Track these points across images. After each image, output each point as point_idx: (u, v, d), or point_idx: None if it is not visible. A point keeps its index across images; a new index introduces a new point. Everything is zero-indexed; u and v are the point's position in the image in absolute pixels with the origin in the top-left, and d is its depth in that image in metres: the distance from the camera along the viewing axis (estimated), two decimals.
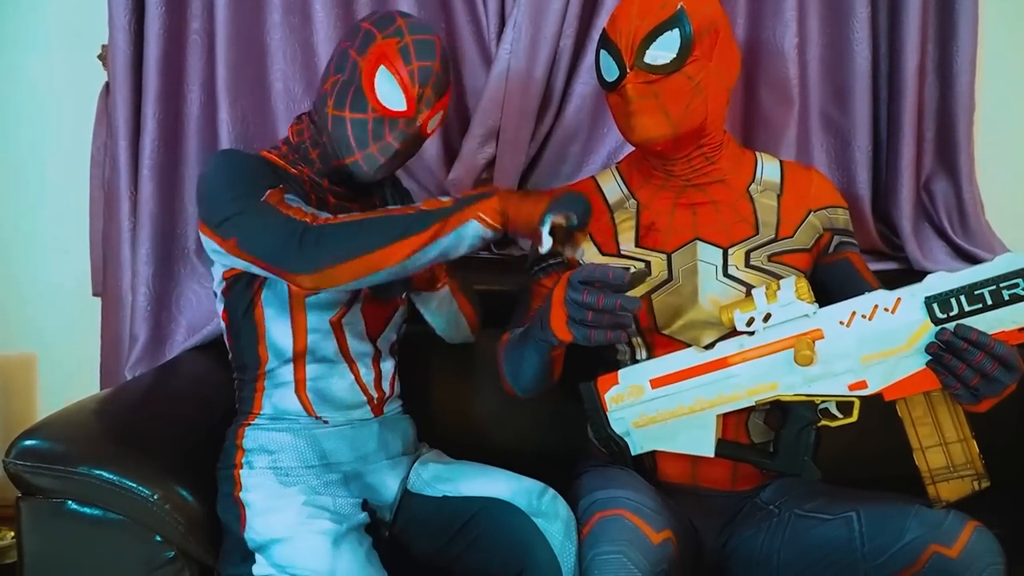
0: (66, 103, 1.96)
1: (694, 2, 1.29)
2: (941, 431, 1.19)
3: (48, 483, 1.25)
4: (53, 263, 2.01)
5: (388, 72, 1.26)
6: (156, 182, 1.77)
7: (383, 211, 1.17)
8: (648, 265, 1.37)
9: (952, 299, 1.14)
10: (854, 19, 1.78)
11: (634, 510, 1.21)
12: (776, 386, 1.23)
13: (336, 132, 1.29)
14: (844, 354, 1.19)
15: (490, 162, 1.82)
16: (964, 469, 1.18)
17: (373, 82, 1.26)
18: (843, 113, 1.83)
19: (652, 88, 1.28)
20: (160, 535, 1.25)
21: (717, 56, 1.31)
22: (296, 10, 1.79)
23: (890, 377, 1.18)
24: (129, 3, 1.74)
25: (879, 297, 1.19)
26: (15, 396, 2.06)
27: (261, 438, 1.32)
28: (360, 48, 1.28)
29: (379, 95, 1.26)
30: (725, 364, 1.24)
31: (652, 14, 1.29)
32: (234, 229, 1.18)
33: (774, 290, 1.21)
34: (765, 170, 1.43)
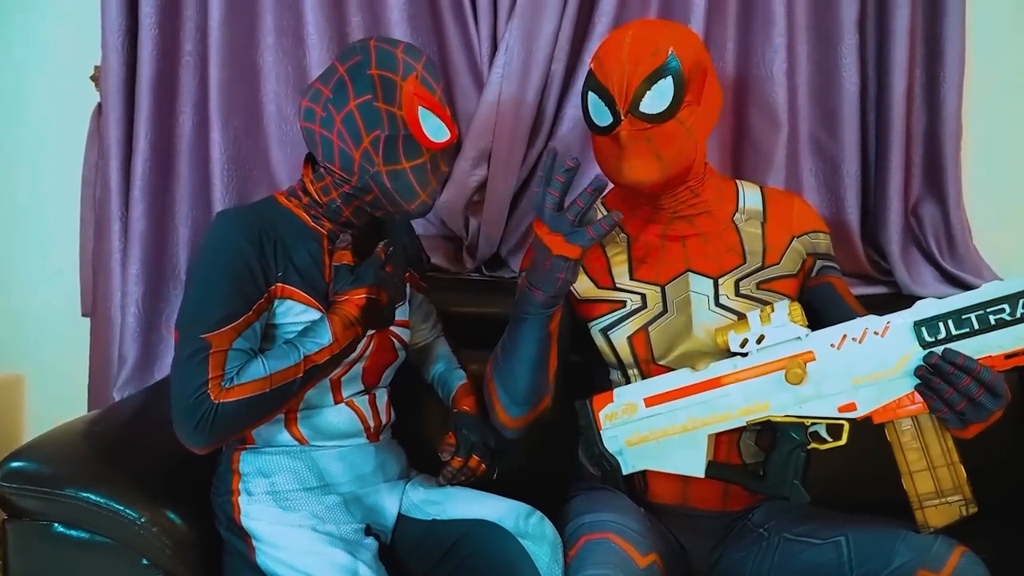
0: (58, 123, 1.95)
1: (682, 44, 1.29)
2: (929, 455, 1.19)
3: (35, 505, 1.24)
4: (43, 283, 2.01)
5: (427, 110, 1.26)
6: (147, 203, 1.77)
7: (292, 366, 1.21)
8: (644, 298, 1.38)
9: (940, 323, 1.16)
10: (842, 45, 1.80)
11: (620, 533, 1.22)
12: (767, 406, 1.24)
13: (397, 184, 1.26)
14: (835, 376, 1.21)
15: (481, 184, 1.82)
16: (952, 494, 1.19)
17: (420, 126, 1.25)
18: (832, 137, 1.84)
19: (646, 134, 1.28)
20: (147, 558, 1.25)
21: (705, 97, 1.32)
22: (289, 32, 1.80)
23: (879, 400, 1.20)
24: (122, 24, 1.74)
25: (869, 321, 1.21)
26: (2, 417, 2.05)
27: (257, 461, 1.31)
28: (386, 98, 1.24)
29: (428, 134, 1.26)
30: (718, 384, 1.26)
31: (644, 61, 1.28)
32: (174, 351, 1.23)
33: (768, 313, 1.24)
34: (747, 198, 1.44)
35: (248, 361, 1.20)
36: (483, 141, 1.79)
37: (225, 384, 1.18)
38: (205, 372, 1.17)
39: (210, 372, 1.17)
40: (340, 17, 1.79)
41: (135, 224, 1.77)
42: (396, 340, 1.40)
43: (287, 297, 1.27)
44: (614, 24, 1.77)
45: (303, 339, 1.23)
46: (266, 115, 1.82)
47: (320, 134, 1.27)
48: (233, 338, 1.20)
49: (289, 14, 1.79)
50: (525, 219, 1.87)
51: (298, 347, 1.22)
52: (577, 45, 1.80)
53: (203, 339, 1.18)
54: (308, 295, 1.28)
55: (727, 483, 1.33)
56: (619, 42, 1.31)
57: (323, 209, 1.32)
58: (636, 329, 1.37)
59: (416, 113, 1.25)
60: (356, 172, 1.26)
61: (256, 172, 1.83)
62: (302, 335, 1.23)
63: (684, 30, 1.34)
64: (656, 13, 1.79)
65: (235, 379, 1.18)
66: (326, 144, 1.27)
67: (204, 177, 1.81)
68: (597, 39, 1.77)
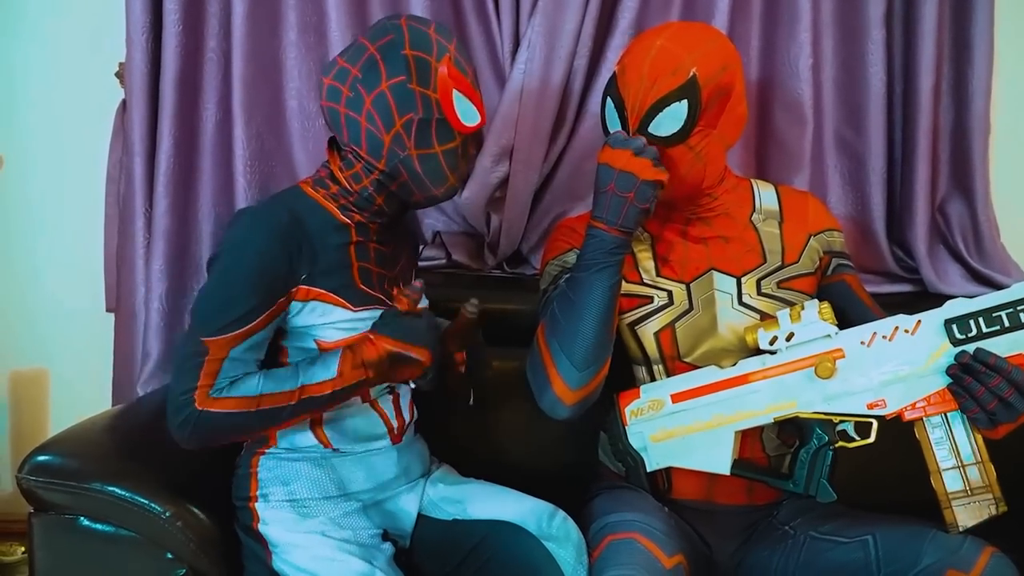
0: (83, 120, 1.97)
1: (708, 64, 1.26)
2: (959, 454, 1.18)
3: (60, 499, 1.25)
4: (67, 278, 2.02)
5: (460, 93, 1.24)
6: (171, 198, 1.78)
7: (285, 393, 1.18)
8: (670, 295, 1.37)
9: (971, 321, 1.16)
10: (869, 40, 1.78)
11: (646, 533, 1.21)
12: (795, 403, 1.23)
13: (426, 168, 1.24)
14: (863, 372, 1.21)
15: (503, 181, 1.82)
16: (981, 493, 1.18)
17: (454, 109, 1.23)
18: (858, 135, 1.83)
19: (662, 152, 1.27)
20: (171, 552, 1.25)
21: (723, 121, 1.30)
22: (311, 29, 1.80)
23: (909, 397, 1.19)
24: (147, 21, 1.75)
25: (900, 320, 1.21)
26: (27, 411, 2.07)
27: (276, 468, 1.29)
28: (421, 80, 1.21)
29: (461, 118, 1.24)
30: (746, 380, 1.26)
31: (664, 80, 1.25)
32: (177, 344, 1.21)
33: (798, 311, 1.24)
34: (763, 198, 1.43)
35: (246, 375, 1.18)
36: (505, 138, 1.78)
37: (213, 393, 1.16)
38: (196, 378, 1.16)
39: (200, 379, 1.16)
40: (363, 13, 1.79)
41: (159, 220, 1.78)
42: None
43: (312, 299, 1.24)
44: (637, 20, 1.76)
45: (309, 367, 1.20)
46: (288, 111, 1.83)
47: (346, 115, 1.24)
48: (233, 346, 1.17)
49: (312, 11, 1.80)
50: (547, 216, 1.87)
51: (299, 374, 1.19)
52: (599, 41, 1.79)
53: (203, 343, 1.16)
54: (334, 294, 1.25)
55: (752, 481, 1.32)
56: (645, 53, 1.27)
57: (354, 198, 1.28)
58: (663, 325, 1.36)
59: (451, 96, 1.22)
60: (385, 156, 1.23)
61: (279, 168, 1.83)
62: (310, 363, 1.21)
63: (718, 46, 1.29)
64: (679, 9, 1.78)
65: (225, 391, 1.16)
66: (352, 126, 1.24)
67: (227, 173, 1.81)
68: (620, 35, 1.76)
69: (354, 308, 1.26)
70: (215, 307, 1.19)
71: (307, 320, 1.25)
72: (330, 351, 1.22)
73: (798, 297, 1.37)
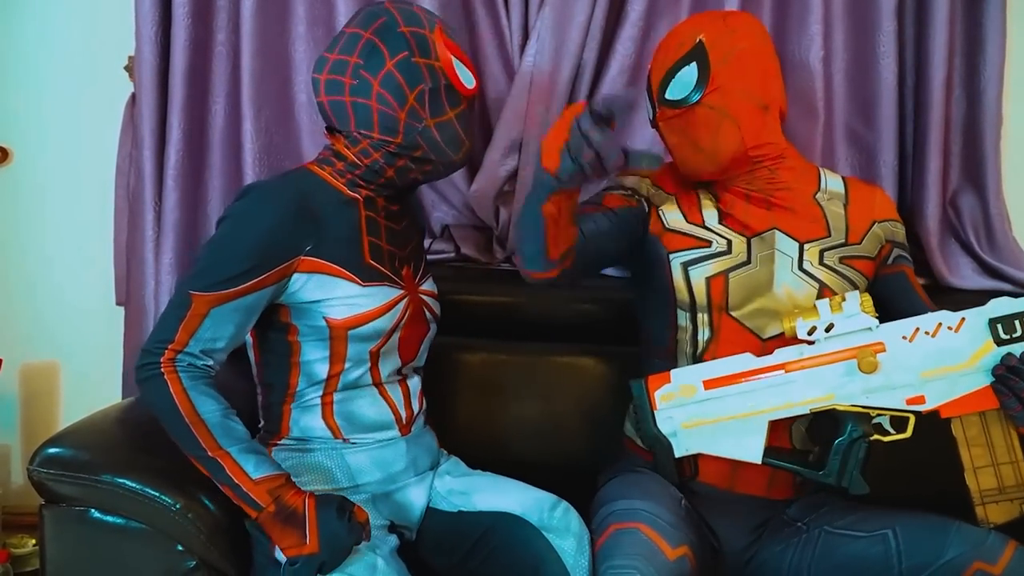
0: (92, 113, 1.97)
1: (717, 31, 1.32)
2: (994, 452, 1.19)
3: (71, 491, 1.25)
4: (77, 271, 2.03)
5: (457, 60, 1.29)
6: (180, 192, 1.78)
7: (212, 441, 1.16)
8: (730, 244, 1.36)
9: (1016, 321, 1.16)
10: (880, 32, 1.77)
11: (651, 523, 1.21)
12: (833, 396, 1.23)
13: (445, 135, 1.27)
14: (905, 368, 1.20)
15: (512, 174, 1.81)
16: (1014, 492, 1.18)
17: (456, 74, 1.28)
18: (868, 127, 1.82)
19: (677, 123, 1.32)
20: (182, 544, 1.25)
21: (742, 78, 1.31)
22: (320, 22, 1.80)
23: (949, 394, 1.19)
24: (156, 15, 1.76)
25: (943, 316, 1.20)
26: (38, 404, 2.08)
27: (287, 460, 1.29)
28: (422, 52, 1.26)
29: (463, 82, 1.29)
30: (784, 369, 1.24)
31: (673, 50, 1.34)
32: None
33: (839, 301, 1.22)
34: (829, 182, 1.43)
35: (214, 397, 1.19)
36: (514, 131, 1.78)
37: (178, 365, 1.17)
38: (174, 331, 1.18)
39: (177, 333, 1.18)
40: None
41: (168, 213, 1.78)
42: (427, 310, 1.38)
43: (316, 271, 1.24)
44: (647, 12, 1.76)
45: (253, 451, 1.18)
46: (297, 105, 1.83)
47: (353, 103, 1.26)
48: (216, 305, 1.18)
49: (320, 4, 1.80)
50: None
51: (239, 444, 1.17)
52: (609, 34, 1.79)
53: (188, 295, 1.18)
54: (341, 267, 1.25)
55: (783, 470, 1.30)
56: (662, 41, 1.39)
57: (361, 171, 1.30)
58: (716, 272, 1.34)
59: (452, 62, 1.27)
60: (401, 132, 1.25)
61: (287, 162, 1.83)
62: (258, 452, 1.19)
63: (732, 17, 1.37)
64: (689, 0, 1.77)
65: (188, 378, 1.17)
66: (362, 111, 1.26)
67: (236, 167, 1.81)
68: (629, 27, 1.76)
69: (362, 283, 1.27)
70: (208, 264, 1.21)
71: (313, 295, 1.25)
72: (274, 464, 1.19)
73: (858, 277, 1.37)
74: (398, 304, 1.31)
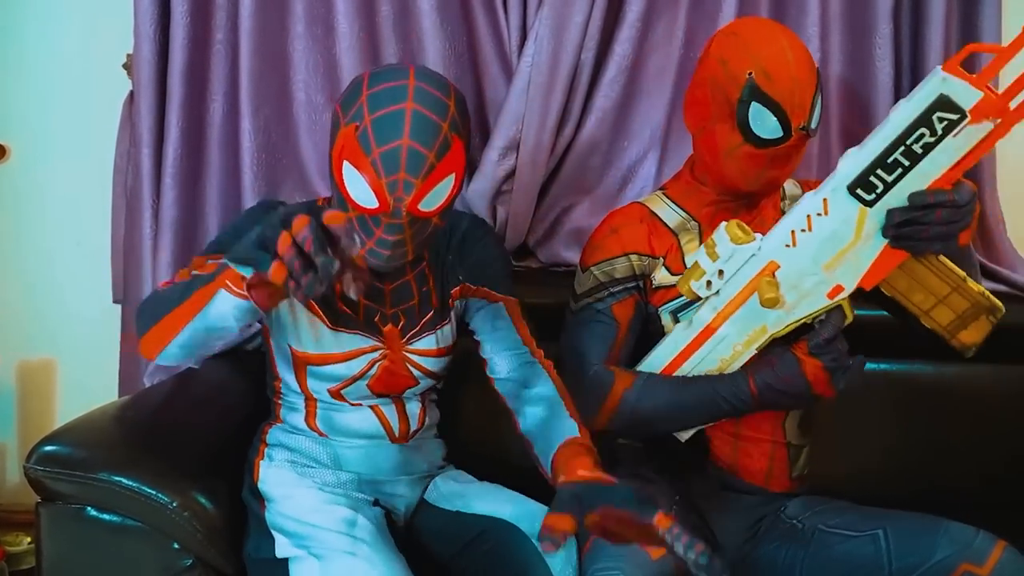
0: (91, 111, 1.97)
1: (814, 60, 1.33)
2: (932, 291, 1.19)
3: (68, 489, 1.26)
4: (74, 269, 2.03)
5: (352, 167, 1.12)
6: (178, 190, 1.78)
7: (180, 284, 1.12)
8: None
9: (872, 177, 1.14)
10: (876, 35, 1.77)
11: None
12: (765, 328, 1.24)
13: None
14: (806, 271, 1.20)
15: (510, 174, 1.81)
16: (971, 312, 1.19)
17: (343, 180, 1.13)
18: (865, 129, 1.79)
19: (792, 150, 1.30)
20: (178, 542, 1.26)
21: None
22: (319, 21, 1.80)
23: (859, 269, 1.19)
24: (154, 13, 1.75)
25: (808, 206, 1.19)
26: (35, 402, 2.08)
27: (283, 436, 1.36)
28: (331, 138, 1.17)
29: (351, 193, 1.13)
30: (712, 331, 1.26)
31: (811, 78, 1.29)
32: None
33: (712, 248, 1.22)
34: (787, 190, 1.46)
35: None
36: (512, 131, 1.78)
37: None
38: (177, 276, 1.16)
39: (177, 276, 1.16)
40: (370, 6, 1.79)
41: (166, 211, 1.78)
42: (415, 368, 1.33)
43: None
44: (645, 14, 1.76)
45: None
46: (296, 103, 1.83)
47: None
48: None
49: (319, 3, 1.79)
50: (553, 209, 1.87)
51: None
52: (607, 35, 1.79)
53: (192, 258, 1.21)
54: (315, 302, 1.26)
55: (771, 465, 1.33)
56: (783, 55, 1.28)
57: None
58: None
59: (340, 165, 1.14)
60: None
61: (286, 160, 1.83)
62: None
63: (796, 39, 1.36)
64: (688, 2, 1.78)
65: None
66: None
67: (234, 165, 1.81)
68: (627, 28, 1.76)
69: (331, 325, 1.28)
70: (212, 240, 1.28)
71: (285, 317, 1.28)
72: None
73: None
74: (366, 355, 1.30)
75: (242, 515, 1.32)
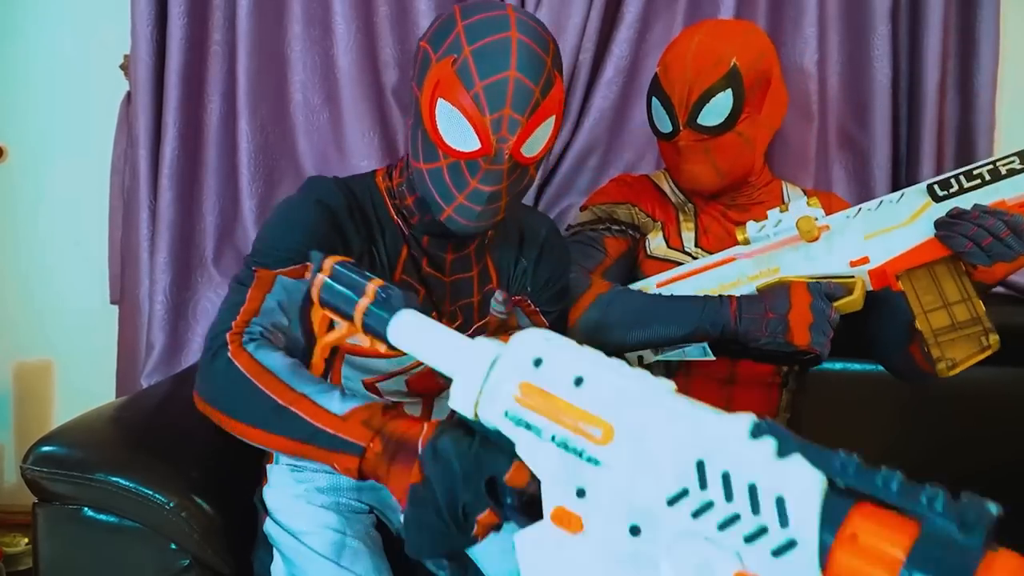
0: (87, 111, 1.97)
1: (747, 53, 1.30)
2: (944, 294, 1.19)
3: (65, 489, 1.25)
4: (72, 270, 2.03)
5: (448, 104, 0.99)
6: (175, 191, 1.78)
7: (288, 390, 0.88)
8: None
9: (952, 179, 1.18)
10: (875, 36, 1.78)
11: None
12: (778, 269, 1.25)
13: (421, 188, 1.07)
14: (847, 233, 1.22)
15: None
16: (969, 326, 1.17)
17: (435, 122, 1.01)
18: (863, 130, 1.82)
19: (703, 144, 1.32)
20: (175, 543, 1.25)
21: (767, 107, 1.34)
22: (316, 22, 1.80)
23: (892, 251, 1.19)
24: (152, 14, 1.75)
25: (886, 196, 1.23)
26: (32, 402, 2.07)
27: None
28: (419, 77, 1.04)
29: (444, 136, 1.01)
30: (732, 260, 1.28)
31: (706, 72, 1.29)
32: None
33: (786, 204, 1.25)
34: (791, 195, 1.47)
35: (272, 345, 0.99)
36: None
37: (246, 343, 0.97)
38: (235, 314, 1.00)
39: (239, 315, 1.00)
40: (367, 6, 1.79)
41: (163, 212, 1.78)
42: None
43: None
44: (642, 15, 1.76)
45: (333, 388, 0.89)
46: (293, 104, 1.83)
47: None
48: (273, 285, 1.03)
49: (316, 3, 1.80)
50: (551, 210, 1.86)
51: (319, 388, 0.88)
52: (604, 36, 1.79)
53: (252, 272, 1.04)
54: None
55: None
56: (685, 48, 1.32)
57: (396, 198, 1.15)
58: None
59: (433, 104, 1.01)
60: (407, 161, 1.11)
61: (283, 161, 1.83)
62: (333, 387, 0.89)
63: (753, 36, 1.35)
64: (685, 4, 1.78)
65: (253, 346, 0.96)
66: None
67: (231, 166, 1.81)
68: (625, 29, 1.76)
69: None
70: (278, 237, 1.06)
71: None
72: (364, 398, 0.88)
73: None
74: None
75: (240, 516, 1.32)
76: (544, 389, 0.58)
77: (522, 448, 0.59)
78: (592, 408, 0.55)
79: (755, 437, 0.50)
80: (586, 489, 0.55)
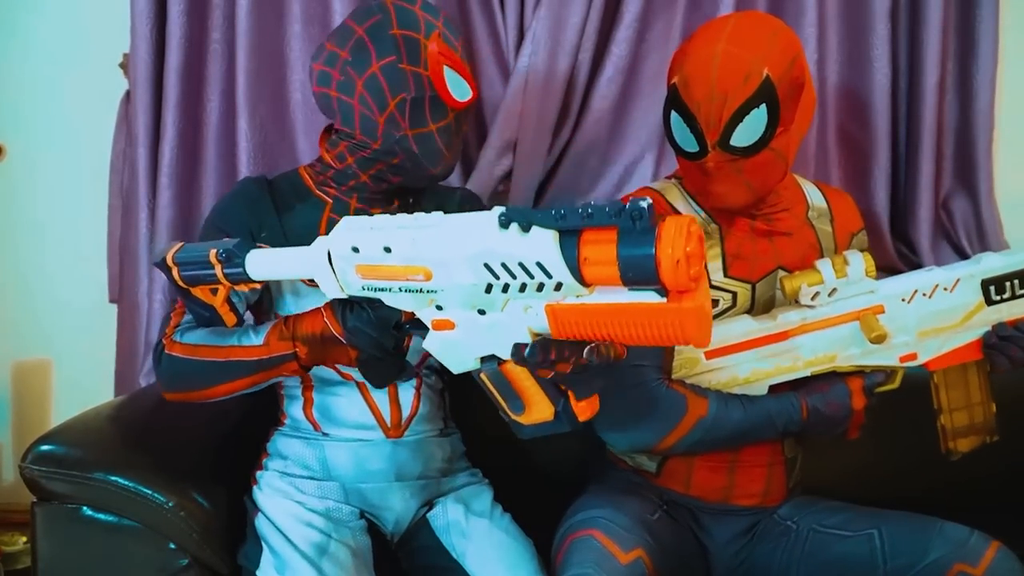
0: (87, 110, 1.97)
1: (780, 62, 1.17)
2: (969, 393, 1.25)
3: (63, 488, 1.25)
4: (71, 269, 2.02)
5: (451, 69, 1.24)
6: (174, 190, 1.78)
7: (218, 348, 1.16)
8: (735, 297, 1.30)
9: (1007, 282, 1.21)
10: (874, 36, 1.77)
11: (604, 529, 1.21)
12: (835, 357, 1.25)
13: (423, 147, 1.24)
14: (903, 329, 1.23)
15: (507, 174, 1.81)
16: (982, 427, 1.26)
17: (446, 85, 1.23)
18: (862, 130, 1.82)
19: (736, 165, 1.19)
20: (174, 542, 1.25)
21: (799, 115, 1.21)
22: (316, 20, 1.80)
23: (939, 349, 1.24)
24: (151, 12, 1.75)
25: (939, 276, 1.23)
26: (30, 402, 2.07)
27: (280, 442, 1.35)
28: (411, 59, 1.22)
29: (454, 94, 1.24)
30: (786, 336, 1.25)
31: (737, 89, 1.15)
32: None
33: (842, 264, 1.22)
34: (812, 196, 1.39)
35: (193, 327, 1.21)
36: (509, 131, 1.78)
37: (175, 336, 1.21)
38: (168, 320, 1.24)
39: (171, 320, 1.24)
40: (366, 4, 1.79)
41: (162, 211, 1.78)
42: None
43: None
44: (642, 13, 1.76)
45: (247, 330, 1.16)
46: (292, 103, 1.82)
47: (338, 99, 1.25)
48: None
49: (316, 2, 1.79)
50: None
51: (236, 335, 1.16)
52: (604, 34, 1.79)
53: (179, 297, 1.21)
54: None
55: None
56: (707, 60, 1.17)
57: (331, 173, 1.31)
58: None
59: (442, 72, 1.22)
60: (380, 137, 1.24)
61: (282, 160, 1.83)
62: (247, 327, 1.17)
63: (783, 38, 1.20)
64: (685, 3, 1.77)
65: (180, 336, 1.20)
66: (345, 109, 1.25)
67: (231, 165, 1.81)
68: (624, 29, 1.76)
69: (310, 284, 1.24)
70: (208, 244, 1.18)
71: (275, 286, 1.30)
72: (266, 323, 1.18)
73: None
74: None
75: (239, 515, 1.32)
76: (371, 264, 0.90)
77: (388, 301, 0.92)
78: (407, 263, 0.87)
79: (504, 227, 0.78)
80: (441, 305, 0.88)
